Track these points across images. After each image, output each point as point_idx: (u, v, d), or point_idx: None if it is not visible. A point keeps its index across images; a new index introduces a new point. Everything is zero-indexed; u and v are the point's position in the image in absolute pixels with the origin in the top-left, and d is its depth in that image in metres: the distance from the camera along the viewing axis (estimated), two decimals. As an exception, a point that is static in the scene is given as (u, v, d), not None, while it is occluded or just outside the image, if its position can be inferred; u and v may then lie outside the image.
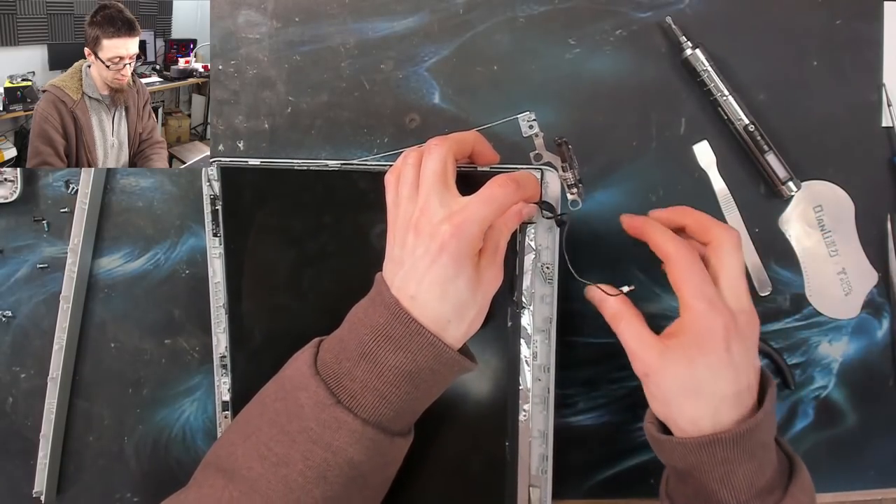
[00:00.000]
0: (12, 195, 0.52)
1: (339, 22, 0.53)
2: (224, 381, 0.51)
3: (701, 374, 0.39)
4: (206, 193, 0.49)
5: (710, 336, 0.39)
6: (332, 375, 0.38)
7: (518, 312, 0.48)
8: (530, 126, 0.54)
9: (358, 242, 0.49)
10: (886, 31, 0.56)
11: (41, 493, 0.52)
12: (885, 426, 0.57)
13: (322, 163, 0.49)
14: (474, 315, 0.40)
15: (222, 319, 0.50)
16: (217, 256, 0.50)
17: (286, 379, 0.40)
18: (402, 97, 0.54)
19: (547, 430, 0.50)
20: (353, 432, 0.37)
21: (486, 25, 0.54)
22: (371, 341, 0.38)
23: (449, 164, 0.40)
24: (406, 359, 0.38)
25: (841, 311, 0.57)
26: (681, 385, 0.39)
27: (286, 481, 0.37)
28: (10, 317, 0.53)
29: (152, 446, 0.54)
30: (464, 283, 0.38)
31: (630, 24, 0.54)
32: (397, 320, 0.38)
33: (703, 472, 0.39)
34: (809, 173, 0.55)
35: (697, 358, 0.39)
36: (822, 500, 0.57)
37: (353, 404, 0.38)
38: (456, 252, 0.37)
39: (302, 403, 0.38)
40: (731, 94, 0.53)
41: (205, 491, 0.38)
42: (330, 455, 0.37)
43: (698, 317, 0.39)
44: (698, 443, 0.39)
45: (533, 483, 0.49)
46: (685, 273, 0.40)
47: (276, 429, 0.38)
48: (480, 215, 0.38)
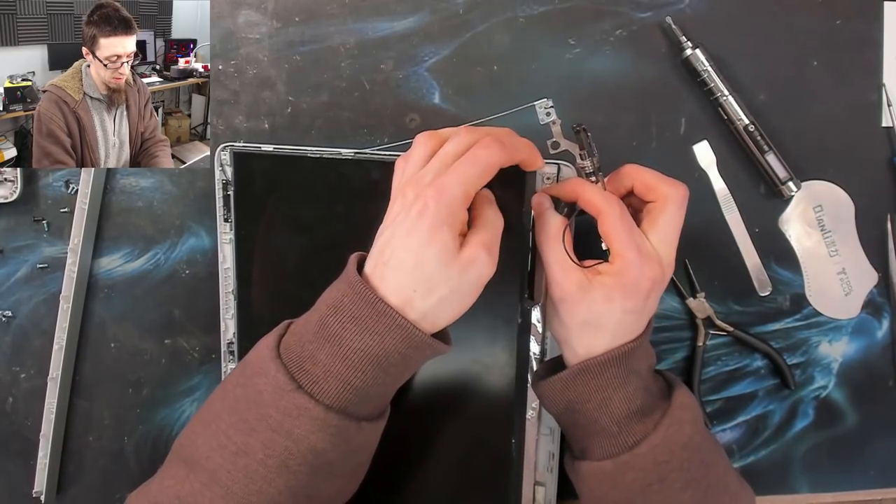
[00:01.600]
0: (12, 195, 0.52)
1: (339, 22, 0.53)
2: (231, 368, 0.51)
3: (612, 314, 0.40)
4: (218, 178, 0.49)
5: (635, 285, 0.40)
6: (294, 359, 0.37)
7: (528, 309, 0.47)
8: (548, 113, 0.54)
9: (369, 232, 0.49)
10: (886, 31, 0.56)
11: (41, 493, 0.52)
12: (885, 426, 0.57)
13: (336, 151, 0.49)
14: (445, 293, 0.37)
15: (231, 305, 0.50)
16: (227, 242, 0.50)
17: (247, 364, 0.39)
18: (402, 97, 0.54)
19: (555, 427, 0.50)
20: (314, 419, 0.35)
21: (486, 25, 0.54)
22: (335, 322, 0.36)
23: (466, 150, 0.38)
24: (373, 341, 0.36)
25: (841, 311, 0.57)
26: (590, 318, 0.40)
27: (246, 471, 0.36)
28: (10, 317, 0.53)
29: (152, 446, 0.54)
30: (435, 253, 0.36)
31: (630, 24, 0.54)
32: (362, 299, 0.36)
33: (582, 404, 0.41)
34: (809, 173, 0.55)
35: (616, 300, 0.40)
36: (822, 500, 0.57)
37: (315, 390, 0.36)
38: (434, 216, 0.36)
39: (261, 389, 0.36)
40: (731, 94, 0.53)
41: (167, 482, 0.38)
42: (291, 443, 0.35)
43: (628, 266, 0.39)
44: (572, 372, 0.41)
45: (538, 481, 0.49)
46: (616, 224, 0.40)
47: (236, 416, 0.37)
48: (464, 176, 0.37)
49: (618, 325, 0.40)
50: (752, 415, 0.57)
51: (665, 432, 0.40)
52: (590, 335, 0.40)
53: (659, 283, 0.40)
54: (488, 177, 0.38)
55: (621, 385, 0.40)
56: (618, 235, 0.40)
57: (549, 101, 0.53)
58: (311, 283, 0.49)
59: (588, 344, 0.41)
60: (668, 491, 0.40)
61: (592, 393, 0.40)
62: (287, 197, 0.49)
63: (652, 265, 0.40)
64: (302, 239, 0.50)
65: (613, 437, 0.40)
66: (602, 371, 0.40)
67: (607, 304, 0.40)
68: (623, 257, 0.40)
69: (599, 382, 0.40)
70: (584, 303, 0.40)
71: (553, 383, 0.42)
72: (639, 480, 0.40)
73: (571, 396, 0.41)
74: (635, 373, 0.41)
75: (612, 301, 0.40)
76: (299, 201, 0.49)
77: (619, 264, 0.40)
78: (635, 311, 0.40)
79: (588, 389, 0.41)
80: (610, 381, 0.40)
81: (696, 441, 0.41)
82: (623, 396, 0.40)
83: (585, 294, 0.40)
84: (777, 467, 0.57)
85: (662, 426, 0.40)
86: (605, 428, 0.40)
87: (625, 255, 0.40)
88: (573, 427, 0.43)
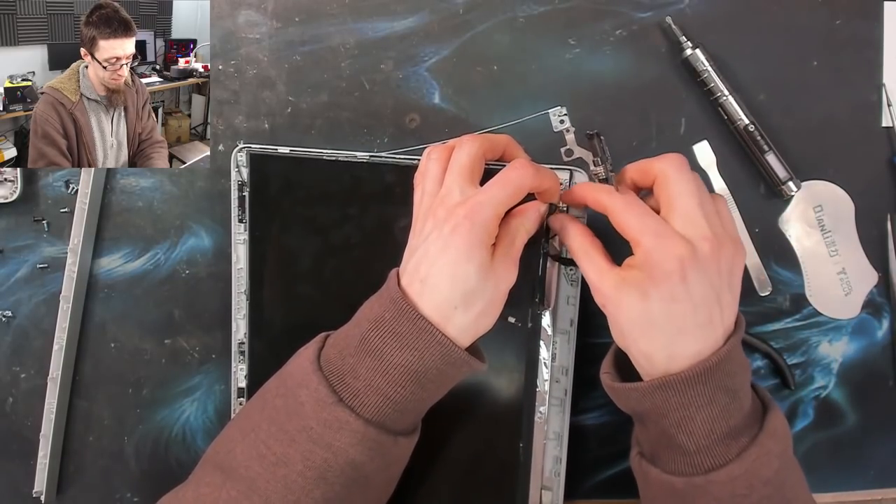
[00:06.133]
0: (12, 195, 0.52)
1: (339, 22, 0.53)
2: (241, 368, 0.51)
3: (655, 308, 0.36)
4: (234, 179, 0.49)
5: (660, 269, 0.36)
6: (335, 372, 0.37)
7: (539, 314, 0.47)
8: (561, 121, 0.54)
9: (382, 235, 0.49)
10: (886, 31, 0.56)
11: (41, 493, 0.52)
12: (885, 426, 0.57)
13: (351, 154, 0.49)
14: (483, 307, 0.38)
15: (243, 305, 0.50)
16: (241, 242, 0.50)
17: (288, 375, 0.39)
18: (402, 97, 0.54)
19: (562, 432, 0.50)
20: (354, 433, 0.36)
21: (486, 25, 0.54)
22: (376, 337, 0.37)
23: (476, 160, 0.40)
24: (412, 357, 0.36)
25: (841, 311, 0.57)
26: (636, 318, 0.37)
27: (285, 481, 0.36)
28: (10, 317, 0.53)
29: (152, 446, 0.55)
30: (474, 269, 0.37)
31: (630, 24, 0.54)
32: (404, 316, 0.36)
33: (659, 417, 0.37)
34: (809, 173, 0.55)
35: (650, 290, 0.36)
36: (822, 500, 0.57)
37: (356, 403, 0.36)
38: (469, 235, 0.36)
39: (302, 401, 0.37)
40: (731, 94, 0.53)
41: (202, 490, 0.38)
42: (330, 456, 0.36)
43: (648, 251, 0.36)
44: (649, 387, 0.37)
45: (545, 485, 0.49)
46: (623, 213, 0.38)
47: (276, 427, 0.37)
48: (495, 198, 0.38)
49: (666, 321, 0.36)
50: (752, 415, 0.57)
51: (750, 464, 0.36)
52: (644, 340, 0.37)
53: (692, 261, 0.35)
54: (518, 198, 0.39)
55: (706, 404, 0.36)
56: (628, 223, 0.37)
57: (563, 108, 0.53)
58: (323, 285, 0.50)
59: (644, 350, 0.37)
60: None
61: (672, 411, 0.36)
62: (301, 199, 0.50)
63: (673, 243, 0.36)
64: (315, 240, 0.50)
65: (690, 455, 0.37)
66: (685, 389, 0.36)
67: (644, 300, 0.36)
68: (639, 244, 0.37)
69: (681, 400, 0.36)
70: (625, 303, 0.37)
71: (627, 391, 0.39)
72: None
73: (648, 408, 0.38)
74: (724, 390, 0.36)
75: (647, 294, 0.36)
76: (313, 203, 0.49)
77: (640, 253, 0.37)
78: (677, 300, 0.35)
79: (668, 406, 0.36)
80: (693, 399, 0.36)
81: (781, 477, 0.37)
82: (706, 417, 0.36)
83: (622, 293, 0.37)
84: (777, 467, 0.57)
85: (748, 456, 0.36)
86: (682, 446, 0.37)
87: (640, 241, 0.37)
88: (645, 431, 0.40)
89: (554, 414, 0.50)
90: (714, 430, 0.36)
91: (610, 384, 0.40)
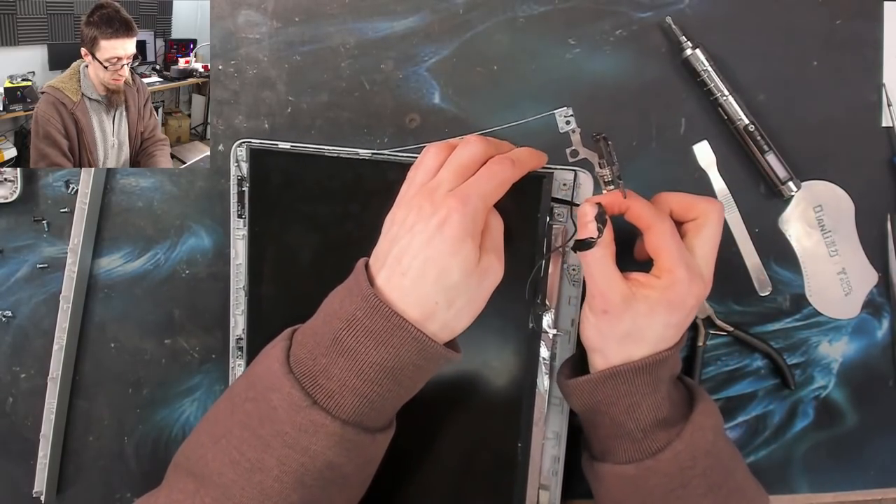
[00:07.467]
0: (12, 195, 0.52)
1: (339, 22, 0.53)
2: (239, 364, 0.51)
3: (654, 327, 0.40)
4: (234, 174, 0.49)
5: (681, 302, 0.40)
6: (307, 374, 0.37)
7: (540, 314, 0.47)
8: (567, 122, 0.53)
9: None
10: (886, 31, 0.56)
11: (41, 493, 0.52)
12: (885, 426, 0.57)
13: (353, 151, 0.49)
14: (464, 304, 0.38)
15: (241, 301, 0.50)
16: (240, 238, 0.50)
17: (257, 377, 0.38)
18: (402, 97, 0.54)
19: (561, 431, 0.50)
20: (331, 435, 0.35)
21: (486, 25, 0.54)
22: (349, 337, 0.36)
23: (477, 161, 0.40)
24: (388, 354, 0.36)
25: (841, 311, 0.57)
26: (632, 330, 0.40)
27: (261, 487, 0.35)
28: (10, 317, 0.53)
29: (152, 446, 0.55)
30: (460, 264, 0.37)
31: (630, 24, 0.54)
32: (377, 313, 0.36)
33: (609, 407, 0.41)
34: (809, 173, 0.55)
35: (660, 314, 0.40)
36: (822, 500, 0.57)
37: (331, 404, 0.36)
38: (459, 227, 0.36)
39: (275, 405, 0.36)
40: (731, 94, 0.53)
41: (175, 496, 0.37)
42: (307, 459, 0.35)
43: (677, 282, 0.39)
44: (601, 377, 0.41)
45: (543, 485, 0.49)
46: (666, 240, 0.40)
47: (248, 432, 0.36)
48: (483, 190, 0.38)
49: (658, 338, 0.40)
50: (752, 415, 0.57)
51: (689, 438, 0.40)
52: (629, 346, 0.40)
53: (702, 301, 0.41)
54: (503, 191, 0.39)
55: (651, 392, 0.40)
56: (669, 251, 0.40)
57: (569, 109, 0.53)
58: (323, 281, 0.49)
59: (626, 354, 0.40)
60: (689, 496, 0.40)
61: (621, 398, 0.40)
62: (302, 195, 0.49)
63: (699, 283, 0.40)
64: (315, 237, 0.50)
65: (638, 441, 0.41)
66: (633, 378, 0.40)
67: (650, 318, 0.40)
68: (672, 273, 0.40)
69: (629, 388, 0.40)
70: (628, 315, 0.40)
71: (581, 384, 0.42)
72: (661, 486, 0.40)
73: (599, 398, 0.41)
74: (664, 381, 0.41)
75: (656, 315, 0.40)
76: (314, 200, 0.49)
77: (668, 279, 0.40)
78: (677, 326, 0.40)
79: (617, 394, 0.40)
80: (640, 387, 0.40)
81: (718, 447, 0.41)
82: (651, 403, 0.40)
83: (629, 307, 0.40)
84: (777, 467, 0.57)
85: (686, 432, 0.40)
86: (630, 433, 0.41)
87: (673, 271, 0.40)
88: (596, 428, 0.43)
89: (553, 414, 0.50)
90: (658, 415, 0.40)
91: (565, 381, 0.43)
